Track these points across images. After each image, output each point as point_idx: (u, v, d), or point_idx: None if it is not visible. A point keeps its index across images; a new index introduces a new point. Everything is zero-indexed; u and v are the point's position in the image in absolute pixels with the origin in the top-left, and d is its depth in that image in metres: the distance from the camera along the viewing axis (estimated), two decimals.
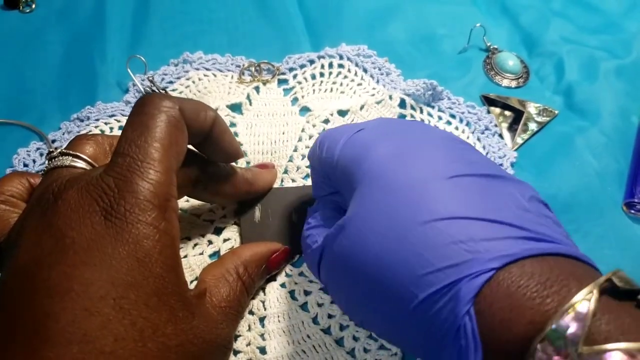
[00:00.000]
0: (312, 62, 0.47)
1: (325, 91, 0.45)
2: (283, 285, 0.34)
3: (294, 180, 0.39)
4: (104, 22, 0.50)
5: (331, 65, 0.46)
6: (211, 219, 0.37)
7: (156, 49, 0.48)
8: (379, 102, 0.44)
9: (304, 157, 0.40)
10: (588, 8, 0.53)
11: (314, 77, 0.46)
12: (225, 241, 0.36)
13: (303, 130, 0.42)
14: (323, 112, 0.43)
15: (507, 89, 0.46)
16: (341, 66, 0.46)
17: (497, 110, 0.44)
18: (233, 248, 0.36)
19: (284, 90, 0.45)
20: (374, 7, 0.52)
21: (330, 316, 0.33)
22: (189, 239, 0.36)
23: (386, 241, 0.22)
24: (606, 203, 0.39)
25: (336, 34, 0.49)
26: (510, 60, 0.47)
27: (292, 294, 0.34)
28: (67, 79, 0.46)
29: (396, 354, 0.31)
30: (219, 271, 0.29)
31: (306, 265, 0.34)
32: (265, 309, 0.33)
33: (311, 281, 0.34)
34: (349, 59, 0.47)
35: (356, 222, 0.24)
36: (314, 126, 0.42)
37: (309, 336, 0.32)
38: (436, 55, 0.49)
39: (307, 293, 0.34)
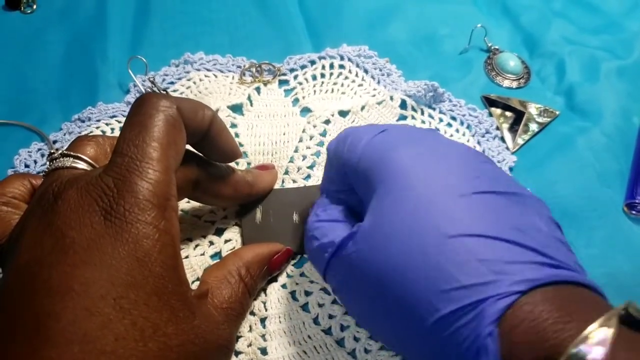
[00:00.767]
0: (313, 62, 0.47)
1: (326, 92, 0.45)
2: (284, 286, 0.34)
3: (294, 181, 0.39)
4: (105, 22, 0.50)
5: (332, 66, 0.46)
6: (212, 220, 0.37)
7: (157, 49, 0.48)
8: (379, 103, 0.44)
9: (304, 157, 0.40)
10: (589, 8, 0.52)
11: (314, 77, 0.46)
12: (227, 242, 0.36)
13: (304, 131, 0.42)
14: (324, 112, 0.43)
15: (508, 89, 0.46)
16: (342, 67, 0.46)
17: (498, 111, 0.44)
18: (234, 249, 0.36)
19: (284, 91, 0.45)
20: (375, 8, 0.52)
21: (331, 317, 0.33)
22: (190, 240, 0.36)
23: (409, 251, 0.22)
24: (607, 204, 0.39)
25: (337, 34, 0.49)
26: (511, 61, 0.47)
27: (293, 294, 0.34)
28: (68, 79, 0.46)
29: (396, 354, 0.31)
30: (221, 273, 0.29)
31: (309, 259, 0.31)
32: (266, 310, 0.33)
33: (312, 282, 0.34)
34: (349, 59, 0.47)
35: (377, 229, 0.24)
36: (314, 127, 0.42)
37: (310, 337, 0.32)
38: (437, 55, 0.49)
39: (308, 294, 0.34)
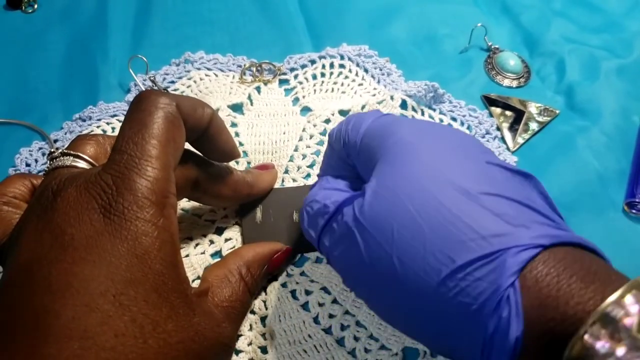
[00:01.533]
0: (313, 62, 0.47)
1: (326, 91, 0.45)
2: (284, 285, 0.34)
3: (295, 180, 0.39)
4: (105, 22, 0.50)
5: (332, 66, 0.46)
6: (213, 219, 0.37)
7: (158, 49, 0.49)
8: (380, 103, 0.44)
9: (304, 156, 0.40)
10: (589, 7, 0.52)
11: (315, 77, 0.46)
12: (227, 241, 0.36)
13: (304, 130, 0.42)
14: (324, 112, 0.43)
15: (508, 88, 0.46)
16: (342, 66, 0.46)
17: (498, 110, 0.44)
18: (235, 248, 0.36)
19: (285, 90, 0.45)
20: (375, 7, 0.52)
21: (331, 316, 0.33)
22: (190, 239, 0.36)
23: (421, 206, 0.22)
24: (607, 203, 0.39)
25: (337, 34, 0.49)
26: (511, 60, 0.47)
27: (294, 293, 0.34)
28: (69, 78, 0.46)
29: (397, 354, 0.31)
30: (222, 272, 0.29)
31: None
32: (266, 309, 0.33)
33: (312, 281, 0.34)
34: (350, 59, 0.47)
35: (386, 188, 0.23)
36: (314, 126, 0.42)
37: (310, 336, 0.32)
38: (437, 55, 0.49)
39: (308, 293, 0.34)
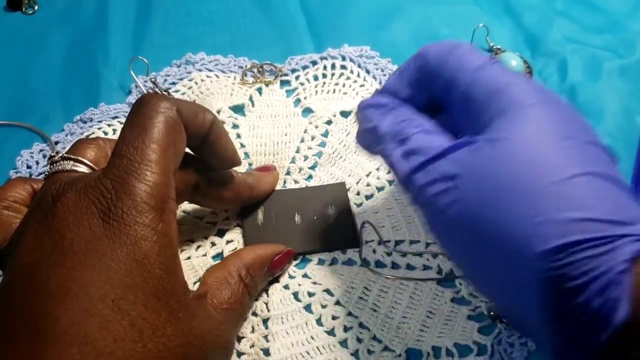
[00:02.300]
0: (314, 63, 0.47)
1: (328, 92, 0.45)
2: (286, 287, 0.34)
3: (296, 182, 0.39)
4: (106, 23, 0.50)
5: (334, 67, 0.46)
6: (214, 221, 0.37)
7: (159, 50, 0.48)
8: None
9: (306, 158, 0.40)
10: (591, 8, 0.52)
11: (316, 78, 0.46)
12: (228, 243, 0.36)
13: (305, 131, 0.42)
14: (325, 113, 0.43)
15: None
16: (344, 67, 0.46)
17: None
18: (236, 250, 0.35)
19: (286, 91, 0.45)
20: (377, 8, 0.52)
21: (334, 317, 0.33)
22: (192, 241, 0.36)
23: (542, 175, 0.22)
24: None
25: (339, 35, 0.49)
26: (513, 60, 0.46)
27: (296, 295, 0.34)
28: (69, 80, 0.46)
29: (400, 355, 0.31)
30: (222, 273, 0.29)
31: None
32: (268, 311, 0.33)
33: (314, 282, 0.34)
34: (351, 60, 0.47)
35: (505, 146, 0.23)
36: (316, 127, 0.42)
37: (312, 337, 0.32)
38: None
39: (310, 294, 0.34)
